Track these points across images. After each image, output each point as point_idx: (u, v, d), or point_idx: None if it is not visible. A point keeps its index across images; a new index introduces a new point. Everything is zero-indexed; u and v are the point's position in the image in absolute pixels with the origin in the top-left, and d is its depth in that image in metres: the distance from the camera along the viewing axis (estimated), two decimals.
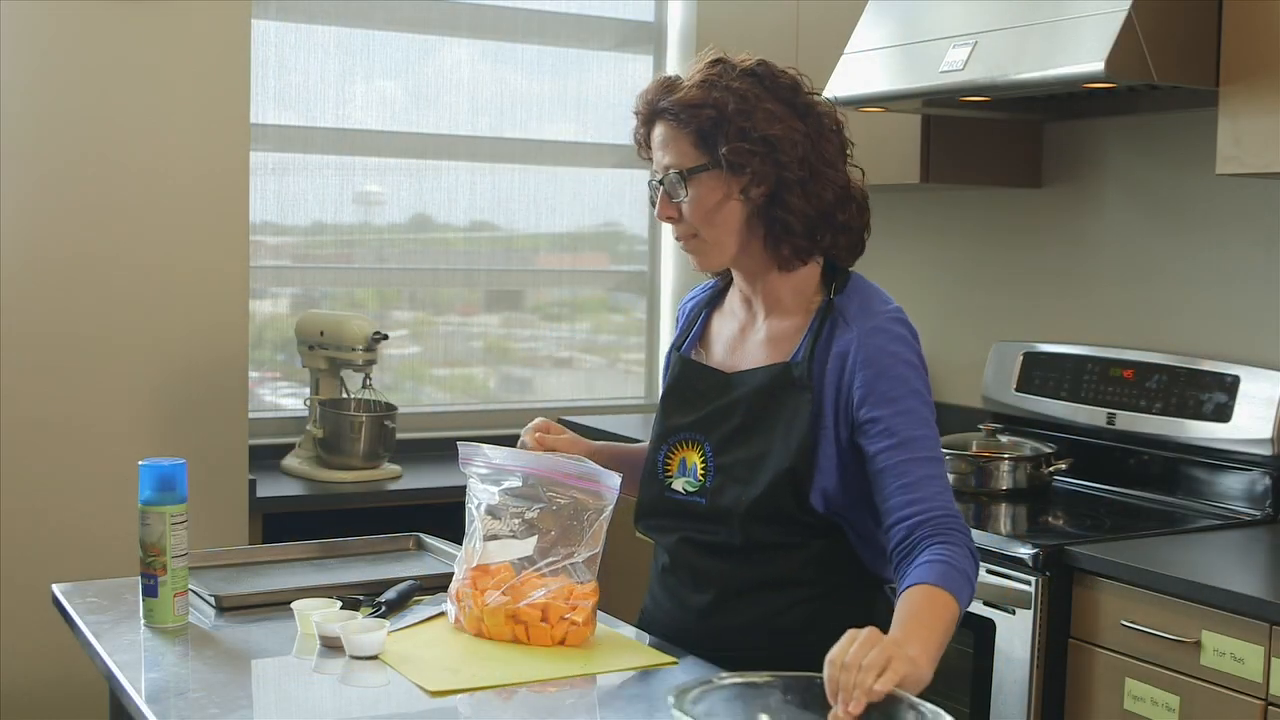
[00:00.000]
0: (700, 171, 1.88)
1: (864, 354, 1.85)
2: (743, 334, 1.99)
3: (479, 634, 1.91)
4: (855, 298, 1.92)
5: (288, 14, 3.83)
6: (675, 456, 1.98)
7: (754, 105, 1.87)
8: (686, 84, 1.90)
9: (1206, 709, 2.33)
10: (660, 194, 1.93)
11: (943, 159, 3.34)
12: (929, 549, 1.76)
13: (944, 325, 3.77)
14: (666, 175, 1.91)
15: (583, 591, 1.90)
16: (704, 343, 2.05)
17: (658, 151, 1.93)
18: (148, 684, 1.78)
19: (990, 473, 3.09)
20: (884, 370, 1.85)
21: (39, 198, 3.03)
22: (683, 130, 1.89)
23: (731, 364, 1.98)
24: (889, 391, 1.84)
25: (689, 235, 1.93)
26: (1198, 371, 2.98)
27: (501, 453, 2.02)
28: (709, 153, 1.88)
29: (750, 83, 1.89)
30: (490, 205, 4.17)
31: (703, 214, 1.90)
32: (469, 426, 4.02)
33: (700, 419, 1.96)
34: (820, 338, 1.89)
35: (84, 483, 3.07)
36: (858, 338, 1.86)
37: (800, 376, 1.88)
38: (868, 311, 1.90)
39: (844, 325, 1.89)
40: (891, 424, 1.83)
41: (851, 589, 1.92)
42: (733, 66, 1.91)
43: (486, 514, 1.98)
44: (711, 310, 2.07)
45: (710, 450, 1.93)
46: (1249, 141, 2.57)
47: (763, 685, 1.61)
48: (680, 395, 2.01)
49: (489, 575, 1.92)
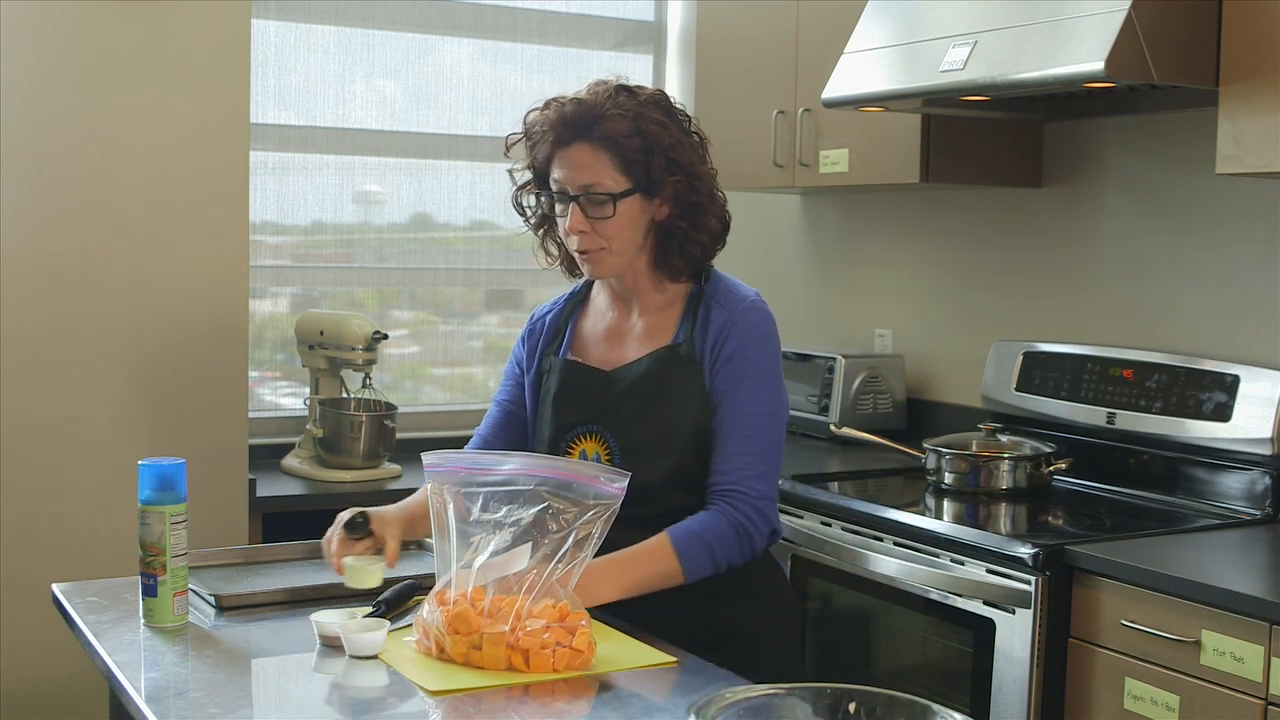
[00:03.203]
0: (627, 196, 2.09)
1: (735, 331, 2.10)
2: (617, 331, 2.21)
3: (467, 664, 1.81)
4: (720, 285, 2.18)
5: (288, 14, 3.83)
6: (574, 450, 2.16)
7: (675, 137, 2.11)
8: (608, 110, 2.08)
9: (1206, 709, 2.33)
10: (574, 209, 2.09)
11: (943, 159, 3.34)
12: (704, 512, 2.07)
13: (944, 325, 3.77)
14: (586, 194, 2.08)
15: (577, 615, 1.85)
16: (577, 347, 2.24)
17: (570, 169, 2.09)
18: (148, 684, 1.78)
19: (990, 472, 3.09)
20: (745, 347, 2.10)
21: (39, 197, 3.03)
22: (607, 154, 2.08)
23: (611, 360, 2.18)
24: (741, 368, 2.09)
25: (597, 248, 2.11)
26: (1198, 371, 2.98)
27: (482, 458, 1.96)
28: (633, 178, 2.09)
29: (663, 114, 2.12)
30: (490, 205, 4.17)
31: (619, 231, 2.10)
32: (469, 426, 3.98)
33: (595, 413, 2.15)
34: (697, 321, 2.14)
35: (84, 482, 3.07)
36: (731, 317, 2.12)
37: (687, 354, 2.12)
38: (736, 296, 2.16)
39: (718, 308, 2.14)
40: (735, 398, 2.09)
41: None
42: (639, 96, 2.12)
43: (472, 527, 1.88)
44: (576, 318, 2.27)
45: (612, 437, 2.13)
46: (1249, 141, 2.57)
47: (783, 696, 1.62)
48: (570, 395, 2.18)
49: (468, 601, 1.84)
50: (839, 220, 4.12)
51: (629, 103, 2.10)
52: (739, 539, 2.06)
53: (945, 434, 3.30)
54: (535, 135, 2.15)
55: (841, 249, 4.11)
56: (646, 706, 1.76)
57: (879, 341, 3.97)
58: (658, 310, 2.19)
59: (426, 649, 1.86)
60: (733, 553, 2.06)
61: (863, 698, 1.59)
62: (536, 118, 2.15)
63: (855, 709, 1.58)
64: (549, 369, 2.24)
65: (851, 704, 1.58)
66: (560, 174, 2.11)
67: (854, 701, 1.59)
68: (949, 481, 3.14)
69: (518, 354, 2.32)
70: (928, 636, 2.87)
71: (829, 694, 1.56)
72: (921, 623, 2.86)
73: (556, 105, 2.13)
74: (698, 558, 2.03)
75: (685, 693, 1.77)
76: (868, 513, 2.97)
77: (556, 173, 2.12)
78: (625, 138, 2.07)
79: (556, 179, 2.12)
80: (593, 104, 2.10)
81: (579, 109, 2.10)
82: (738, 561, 2.08)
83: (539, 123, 2.14)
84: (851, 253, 4.07)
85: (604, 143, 2.08)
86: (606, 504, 1.88)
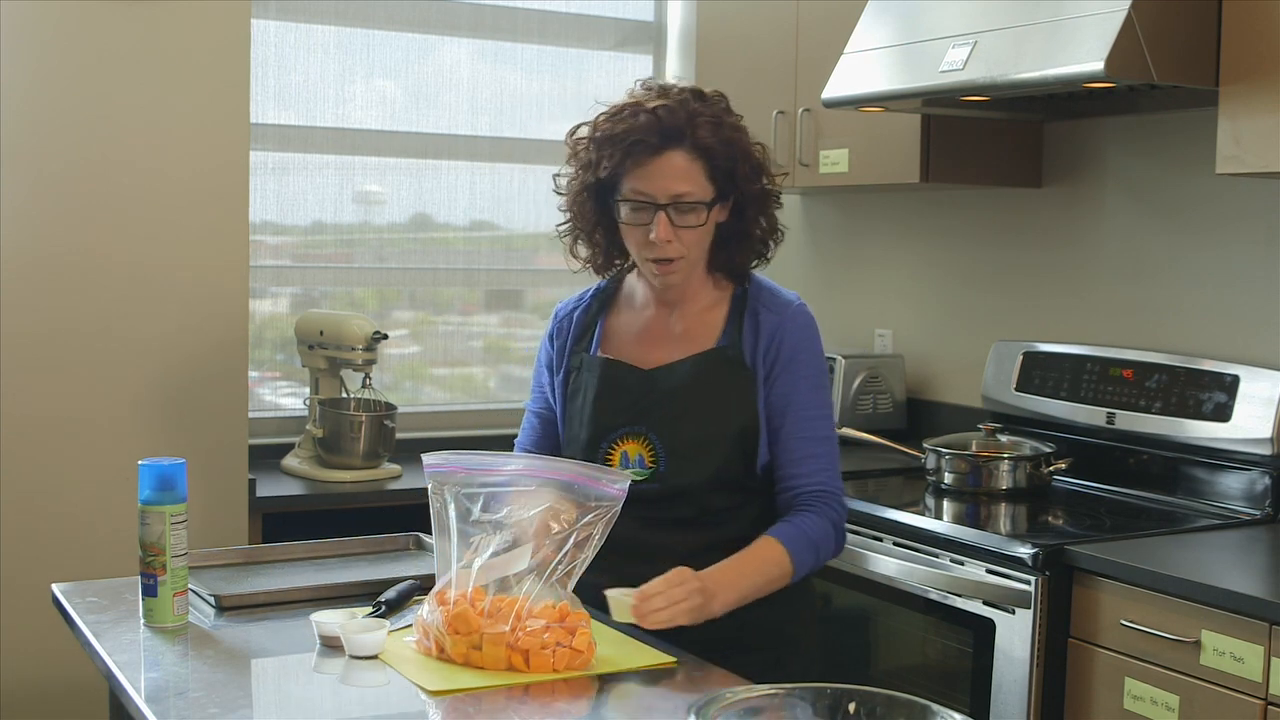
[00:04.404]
0: (716, 204, 2.08)
1: (787, 335, 2.10)
2: (654, 330, 2.18)
3: (467, 664, 1.82)
4: (763, 289, 2.17)
5: (288, 14, 3.83)
6: (615, 452, 2.12)
7: (747, 139, 2.11)
8: (695, 117, 2.04)
9: (1206, 709, 2.33)
10: (661, 218, 2.04)
11: (943, 159, 3.34)
12: (798, 514, 2.06)
13: (944, 325, 3.77)
14: (675, 203, 2.04)
15: (577, 615, 1.85)
16: (609, 345, 2.20)
17: (660, 178, 2.04)
18: (147, 684, 1.78)
19: (990, 472, 3.09)
20: (799, 351, 2.10)
21: (39, 198, 3.03)
22: (700, 163, 2.04)
23: (649, 360, 2.15)
24: (799, 371, 2.10)
25: (679, 256, 2.08)
26: (1198, 371, 2.98)
27: (484, 458, 1.96)
28: (717, 185, 2.07)
29: (735, 117, 2.11)
30: (490, 205, 4.17)
31: (700, 239, 2.09)
32: (469, 426, 4.02)
33: (637, 413, 2.11)
34: (745, 324, 2.12)
35: (84, 482, 3.07)
36: (781, 321, 2.12)
37: (735, 357, 2.10)
38: (781, 300, 2.16)
39: (766, 311, 2.13)
40: (798, 401, 2.09)
41: None
42: (709, 100, 2.09)
43: (472, 527, 1.89)
44: (606, 314, 2.23)
45: (656, 439, 2.09)
46: (1249, 141, 2.57)
47: (783, 696, 1.62)
48: (610, 394, 2.14)
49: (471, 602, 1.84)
50: (839, 220, 4.12)
51: (706, 108, 2.07)
52: (837, 537, 2.09)
53: (945, 434, 3.30)
54: (611, 143, 2.05)
55: (841, 249, 4.11)
56: (646, 706, 1.76)
57: (879, 341, 3.97)
58: (700, 312, 2.16)
59: (426, 649, 1.86)
60: (830, 551, 2.09)
61: (863, 698, 1.59)
62: (614, 125, 2.06)
63: (855, 709, 1.58)
64: (579, 366, 2.19)
65: (851, 704, 1.59)
66: (645, 183, 2.04)
67: (854, 701, 1.59)
68: (949, 481, 3.14)
69: (546, 355, 2.26)
70: (928, 636, 2.87)
71: (829, 694, 1.57)
72: (921, 623, 2.86)
73: (638, 111, 2.05)
74: (805, 556, 2.04)
75: (685, 693, 1.77)
76: (868, 513, 2.97)
77: (638, 182, 2.04)
78: (715, 145, 2.05)
79: (638, 188, 2.05)
80: (678, 110, 2.04)
81: (669, 116, 2.03)
82: (831, 559, 2.10)
83: (622, 130, 2.05)
84: (851, 253, 4.07)
85: (697, 151, 2.04)
86: (608, 505, 1.88)
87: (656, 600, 1.86)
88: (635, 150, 2.03)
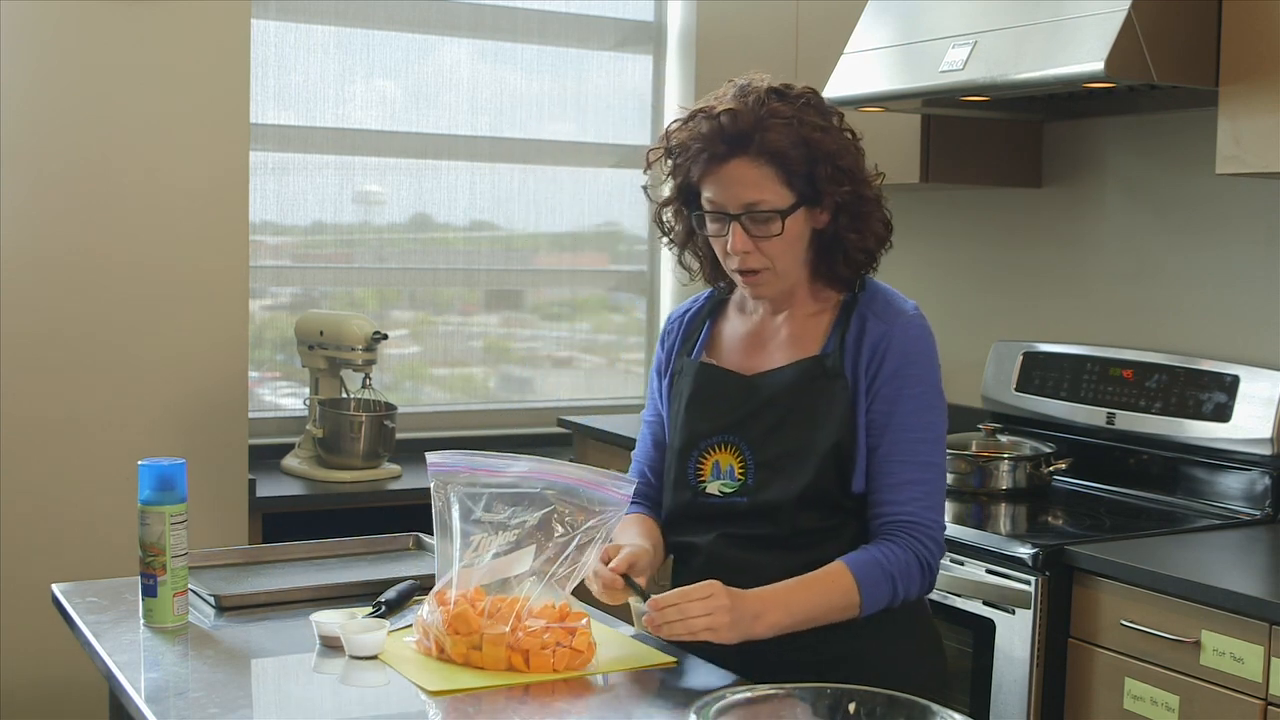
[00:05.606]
0: (793, 211, 1.91)
1: (893, 347, 1.93)
2: (759, 336, 2.03)
3: (467, 664, 1.82)
4: (877, 295, 2.00)
5: (288, 14, 3.83)
6: (707, 462, 1.99)
7: (835, 140, 1.92)
8: (765, 119, 1.89)
9: (1206, 709, 2.33)
10: (735, 229, 1.91)
11: (943, 159, 3.34)
12: (879, 543, 1.90)
13: (944, 325, 3.74)
14: (748, 213, 1.90)
15: (576, 614, 1.85)
16: (714, 350, 2.07)
17: (729, 187, 1.91)
18: (147, 684, 1.78)
19: (990, 472, 3.09)
20: (906, 365, 1.93)
21: (39, 198, 3.03)
22: (770, 169, 1.90)
23: (752, 366, 2.01)
24: (904, 388, 1.93)
25: (762, 267, 1.94)
26: (1197, 371, 2.98)
27: (489, 459, 1.95)
28: (797, 191, 1.91)
29: (816, 115, 1.93)
30: (490, 205, 4.18)
31: (785, 249, 1.93)
32: (469, 426, 4.03)
33: (732, 422, 1.98)
34: (849, 331, 1.96)
35: (84, 483, 3.07)
36: (889, 331, 1.94)
37: (834, 367, 1.94)
38: (894, 308, 1.98)
39: (874, 319, 1.96)
40: (901, 421, 1.93)
41: None
42: (792, 98, 1.92)
43: (473, 527, 1.89)
44: (715, 319, 2.11)
45: (748, 450, 1.96)
46: (1249, 141, 2.57)
47: (783, 696, 1.62)
48: (705, 401, 2.02)
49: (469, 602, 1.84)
50: None
51: (785, 108, 1.90)
52: (922, 573, 1.91)
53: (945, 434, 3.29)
54: (682, 151, 1.95)
55: None
56: (646, 706, 1.76)
57: None
58: (806, 316, 2.01)
59: (426, 649, 1.86)
60: (914, 588, 1.91)
61: (863, 698, 1.59)
62: (683, 132, 1.95)
63: (855, 709, 1.58)
64: (681, 370, 2.07)
65: (851, 704, 1.59)
66: (716, 192, 1.92)
67: (854, 701, 1.59)
68: (949, 481, 3.13)
69: (658, 361, 2.15)
70: None
71: (829, 694, 1.57)
72: None
73: (704, 117, 1.92)
74: (879, 589, 1.87)
75: (685, 693, 1.77)
76: None
77: (710, 191, 1.93)
78: (788, 149, 1.89)
79: (711, 198, 1.93)
80: (746, 113, 1.89)
81: (734, 121, 1.89)
82: (914, 597, 1.93)
83: (688, 138, 1.94)
84: None
85: (766, 156, 1.89)
86: (613, 510, 1.87)
87: (670, 612, 1.77)
88: (701, 159, 1.92)
